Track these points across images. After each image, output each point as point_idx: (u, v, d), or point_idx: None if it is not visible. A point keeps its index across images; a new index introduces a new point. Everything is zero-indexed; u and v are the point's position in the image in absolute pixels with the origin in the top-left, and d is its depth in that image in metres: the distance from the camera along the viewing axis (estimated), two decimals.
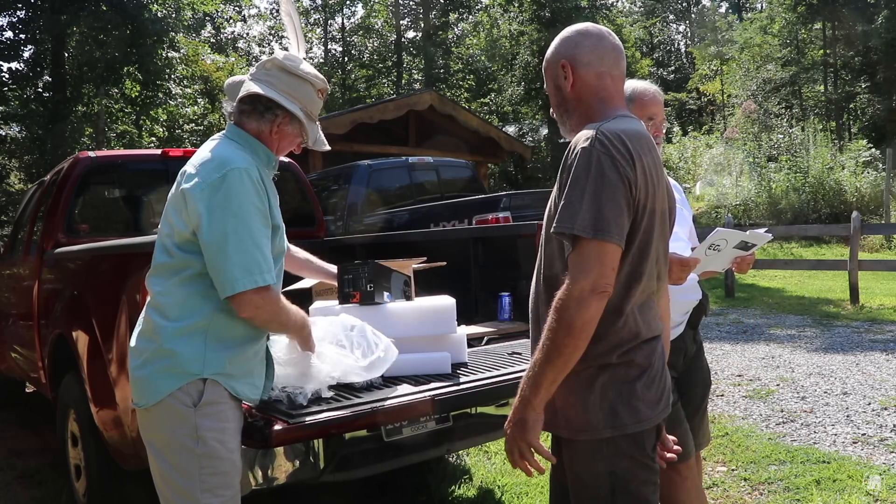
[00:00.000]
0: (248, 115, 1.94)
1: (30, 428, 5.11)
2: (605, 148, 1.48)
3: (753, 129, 20.98)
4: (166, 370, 1.82)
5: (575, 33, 1.69)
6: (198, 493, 1.82)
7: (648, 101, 2.32)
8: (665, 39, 41.02)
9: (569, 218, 1.46)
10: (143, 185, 4.59)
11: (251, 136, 1.94)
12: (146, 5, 15.55)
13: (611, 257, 1.46)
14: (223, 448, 1.85)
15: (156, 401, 1.83)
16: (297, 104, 1.93)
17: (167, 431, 1.84)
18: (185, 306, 1.84)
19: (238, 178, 1.79)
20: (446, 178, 8.38)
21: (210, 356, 1.84)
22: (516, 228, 3.29)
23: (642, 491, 1.57)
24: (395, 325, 2.50)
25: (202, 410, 1.82)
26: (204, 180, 1.80)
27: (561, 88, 1.69)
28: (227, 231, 1.76)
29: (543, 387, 1.48)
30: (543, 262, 1.66)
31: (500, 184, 23.72)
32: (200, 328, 1.84)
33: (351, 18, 34.41)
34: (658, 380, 1.60)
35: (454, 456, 3.97)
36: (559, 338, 1.45)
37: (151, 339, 1.86)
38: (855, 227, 9.30)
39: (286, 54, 1.97)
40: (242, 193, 1.79)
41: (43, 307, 3.75)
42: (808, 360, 6.02)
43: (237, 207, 1.78)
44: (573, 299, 1.44)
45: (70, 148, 14.99)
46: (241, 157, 1.86)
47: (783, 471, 3.60)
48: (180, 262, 1.85)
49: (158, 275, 1.89)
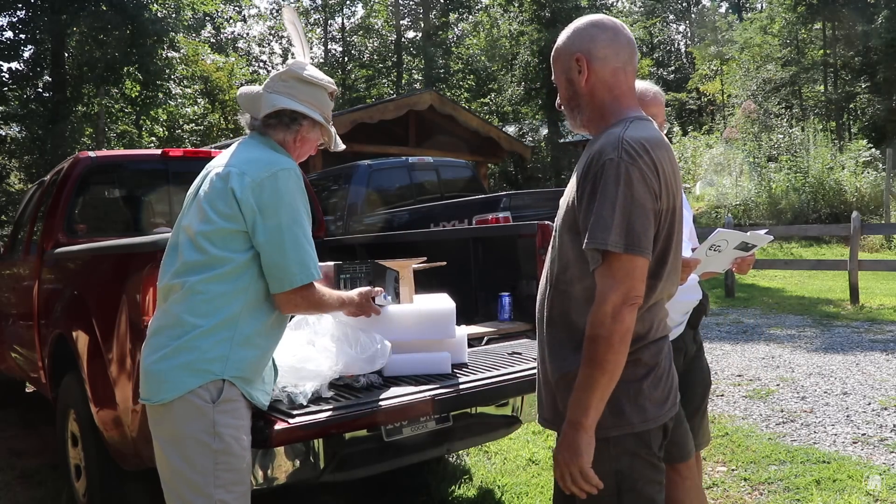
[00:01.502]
0: (274, 127, 2.02)
1: (30, 428, 5.10)
2: (633, 159, 1.48)
3: (753, 129, 20.96)
4: (188, 367, 1.83)
5: (590, 26, 1.65)
6: (212, 488, 1.83)
7: (649, 101, 2.32)
8: (665, 39, 41.02)
9: (601, 233, 1.46)
10: (143, 185, 4.59)
11: (276, 144, 2.02)
12: (146, 5, 15.55)
13: (641, 270, 1.49)
14: (238, 445, 1.87)
15: (173, 397, 1.83)
16: (317, 111, 2.02)
17: (183, 427, 1.84)
18: (214, 304, 1.85)
19: (288, 178, 1.89)
20: (446, 178, 8.38)
21: (234, 357, 1.85)
22: (516, 228, 3.28)
23: (648, 490, 1.58)
24: (393, 330, 2.50)
25: (221, 407, 1.84)
26: (255, 179, 1.86)
27: (573, 82, 1.66)
28: (282, 228, 1.85)
29: (593, 407, 1.48)
30: (557, 267, 1.64)
31: (500, 184, 23.73)
32: (228, 327, 1.85)
33: (351, 18, 34.47)
34: (665, 379, 1.62)
35: (454, 456, 3.97)
36: (601, 355, 1.46)
37: (174, 334, 1.85)
38: (855, 227, 9.30)
39: (300, 63, 2.05)
40: (293, 192, 1.89)
41: (43, 307, 3.75)
42: (808, 360, 6.02)
43: (290, 205, 1.87)
44: (608, 315, 1.45)
45: (70, 148, 15.00)
46: (286, 158, 1.96)
47: (783, 471, 3.60)
48: (214, 258, 1.86)
49: (187, 271, 1.88)
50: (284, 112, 1.99)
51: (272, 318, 1.94)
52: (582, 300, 1.57)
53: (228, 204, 1.86)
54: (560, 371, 1.61)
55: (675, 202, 1.59)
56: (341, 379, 2.32)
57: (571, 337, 1.59)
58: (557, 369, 1.61)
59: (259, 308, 1.90)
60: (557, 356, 1.62)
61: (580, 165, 1.61)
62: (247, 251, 1.87)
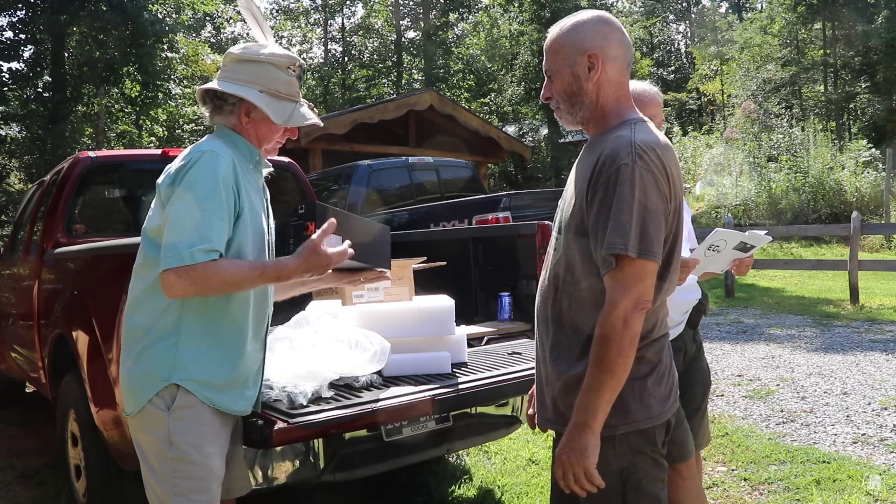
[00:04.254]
0: (215, 114, 1.93)
1: (30, 428, 5.10)
2: (647, 164, 1.50)
3: (753, 129, 20.96)
4: (146, 376, 1.82)
5: (601, 23, 1.63)
6: (171, 496, 1.82)
7: (647, 102, 2.32)
8: (665, 39, 41.01)
9: (620, 239, 1.47)
10: (143, 185, 4.58)
11: (231, 131, 1.93)
12: (146, 5, 15.53)
13: (651, 275, 1.51)
14: (196, 453, 1.82)
15: (138, 409, 1.83)
16: (254, 87, 1.87)
17: (147, 434, 1.84)
18: (155, 308, 1.81)
19: (206, 160, 1.77)
20: (446, 178, 8.39)
21: (181, 360, 1.80)
22: (516, 228, 3.28)
23: (652, 488, 1.59)
24: (393, 327, 2.50)
25: (175, 414, 1.80)
26: (170, 170, 1.82)
27: (580, 78, 1.62)
28: (172, 210, 1.74)
29: (601, 409, 1.49)
30: (562, 267, 1.63)
31: (500, 184, 23.73)
32: (172, 330, 1.81)
33: (351, 18, 34.40)
34: (667, 375, 1.63)
35: (454, 456, 3.97)
36: (611, 358, 1.47)
37: (131, 343, 1.86)
38: (855, 227, 9.30)
39: (240, 45, 1.95)
40: (198, 174, 1.76)
41: (43, 307, 3.75)
42: (808, 360, 6.02)
43: (186, 187, 1.74)
44: (619, 319, 1.47)
45: (70, 148, 14.98)
46: (215, 144, 1.84)
47: (783, 471, 3.60)
48: (151, 260, 1.82)
49: (135, 277, 1.88)
50: (215, 95, 1.90)
51: (220, 312, 1.83)
52: (589, 302, 1.57)
53: (160, 201, 1.83)
54: (565, 373, 1.61)
55: (679, 203, 1.60)
56: (341, 379, 2.32)
57: (577, 339, 1.59)
58: (562, 371, 1.61)
59: (201, 305, 1.81)
60: (561, 358, 1.62)
61: (586, 166, 1.60)
62: None
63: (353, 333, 2.45)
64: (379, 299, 2.97)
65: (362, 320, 2.57)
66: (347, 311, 2.67)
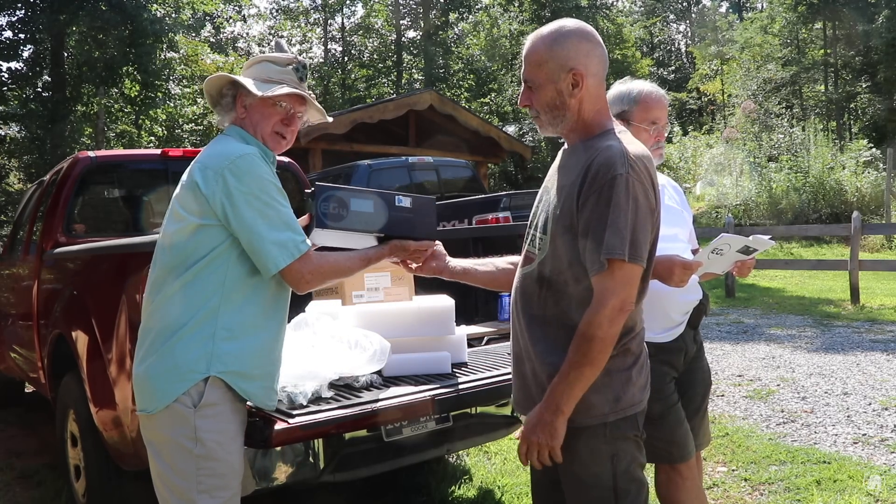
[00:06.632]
0: (222, 113, 2.01)
1: (29, 428, 5.10)
2: (638, 175, 1.59)
3: (754, 129, 20.97)
4: (173, 371, 1.81)
5: (583, 39, 1.68)
6: (194, 493, 1.82)
7: (653, 104, 2.31)
8: (665, 39, 41.03)
9: (619, 244, 1.56)
10: (142, 185, 4.59)
11: (239, 129, 1.98)
12: (145, 5, 15.52)
13: (637, 278, 1.61)
14: (221, 450, 1.84)
15: (163, 406, 1.82)
16: (248, 79, 1.95)
17: (168, 433, 1.83)
18: (191, 303, 1.83)
19: (248, 161, 1.85)
20: (446, 178, 8.40)
21: (218, 353, 1.82)
22: (516, 228, 3.28)
23: (637, 472, 1.71)
24: (393, 327, 2.50)
25: (203, 412, 1.81)
26: (216, 171, 1.84)
27: (563, 94, 1.68)
28: (253, 213, 1.82)
29: (575, 397, 1.60)
30: (549, 266, 1.69)
31: (500, 184, 23.73)
32: (208, 323, 1.83)
33: (351, 18, 34.43)
34: (645, 365, 1.76)
35: (454, 456, 3.97)
36: (594, 353, 1.58)
37: (158, 339, 1.85)
38: (855, 227, 9.30)
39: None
40: (255, 175, 1.84)
41: (42, 307, 3.75)
42: (809, 361, 6.02)
43: (255, 189, 1.83)
44: (605, 318, 1.56)
45: (70, 148, 14.97)
46: (241, 146, 1.91)
47: (783, 471, 3.59)
48: (187, 257, 1.85)
49: (164, 274, 1.89)
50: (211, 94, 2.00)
51: (257, 307, 1.89)
52: (577, 300, 1.65)
53: (197, 200, 1.85)
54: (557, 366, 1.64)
55: (659, 210, 1.69)
56: (341, 379, 2.32)
57: (567, 336, 1.63)
58: (553, 364, 1.65)
59: (240, 299, 1.86)
60: (551, 354, 1.67)
61: (572, 170, 1.67)
62: (219, 245, 1.84)
63: (353, 333, 2.45)
64: (379, 299, 2.97)
65: (362, 320, 2.57)
66: (347, 311, 2.66)
